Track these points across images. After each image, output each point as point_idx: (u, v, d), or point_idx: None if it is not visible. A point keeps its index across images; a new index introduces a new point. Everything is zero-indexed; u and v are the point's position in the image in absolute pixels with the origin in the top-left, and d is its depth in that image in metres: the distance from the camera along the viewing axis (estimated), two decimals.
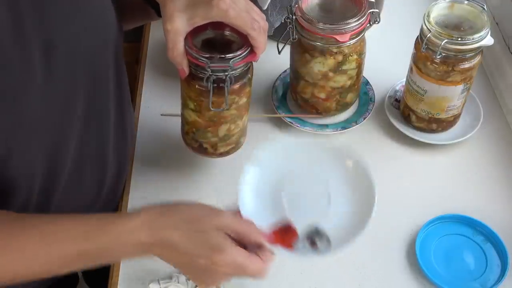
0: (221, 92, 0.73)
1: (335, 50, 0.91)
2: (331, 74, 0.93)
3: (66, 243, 0.63)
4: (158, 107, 1.03)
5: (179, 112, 0.84)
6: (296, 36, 0.91)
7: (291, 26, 0.91)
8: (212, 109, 0.74)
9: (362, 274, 0.83)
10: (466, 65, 0.87)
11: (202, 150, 0.84)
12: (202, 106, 0.76)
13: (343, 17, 0.89)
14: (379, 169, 0.95)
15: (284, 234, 0.70)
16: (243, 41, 0.73)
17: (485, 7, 0.88)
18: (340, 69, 0.93)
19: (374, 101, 1.03)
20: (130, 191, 0.93)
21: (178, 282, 0.78)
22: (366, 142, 0.99)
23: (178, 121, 0.86)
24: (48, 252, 0.63)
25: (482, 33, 0.85)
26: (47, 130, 0.67)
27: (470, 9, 0.89)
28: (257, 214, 0.70)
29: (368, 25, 0.92)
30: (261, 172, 0.74)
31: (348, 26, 0.88)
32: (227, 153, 0.84)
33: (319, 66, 0.92)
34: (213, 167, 0.95)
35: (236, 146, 0.85)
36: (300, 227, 0.70)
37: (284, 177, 0.74)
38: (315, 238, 0.70)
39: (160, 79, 1.10)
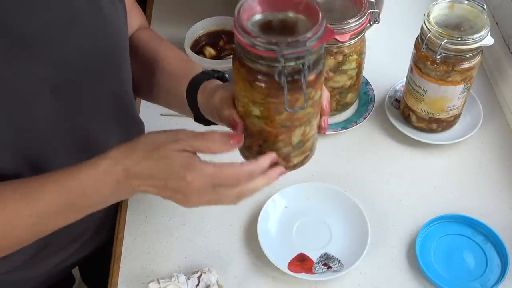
0: (296, 86, 0.58)
1: (335, 50, 0.91)
2: (331, 74, 0.93)
3: (47, 198, 0.64)
4: (158, 107, 1.03)
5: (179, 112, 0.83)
6: None
7: None
8: (288, 110, 0.59)
9: (363, 274, 0.83)
10: (466, 65, 0.87)
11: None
12: (272, 109, 0.61)
13: (343, 17, 0.89)
14: (379, 169, 0.96)
15: (302, 263, 0.83)
16: (313, 20, 0.58)
17: (485, 7, 0.88)
18: (340, 69, 0.93)
19: (374, 101, 1.03)
20: None
21: (178, 282, 0.78)
22: (366, 142, 0.99)
23: (178, 121, 0.86)
24: (30, 209, 0.64)
25: (482, 33, 0.85)
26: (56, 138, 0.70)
27: (470, 9, 0.89)
28: (277, 241, 0.86)
29: (368, 25, 0.92)
30: (286, 204, 0.90)
31: (348, 26, 0.88)
32: (301, 163, 0.69)
33: None
34: None
35: (311, 153, 0.69)
36: (312, 255, 0.84)
37: (296, 214, 0.89)
38: (328, 262, 0.83)
39: None
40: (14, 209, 0.64)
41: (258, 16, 0.59)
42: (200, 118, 0.75)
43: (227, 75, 0.74)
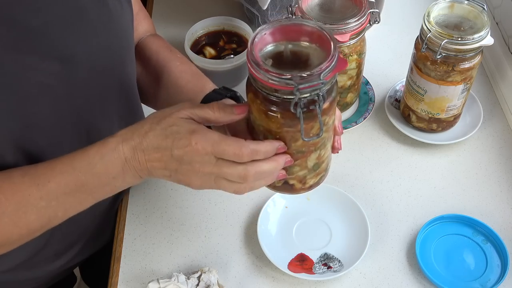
0: (311, 115, 0.59)
1: None
2: None
3: (57, 178, 0.64)
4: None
5: None
6: None
7: None
8: (305, 139, 0.60)
9: (363, 274, 0.83)
10: (466, 65, 0.88)
11: (287, 187, 0.69)
12: (287, 137, 0.62)
13: (343, 17, 0.89)
14: (379, 169, 0.96)
15: (302, 263, 0.83)
16: (325, 49, 0.59)
17: (485, 7, 0.88)
18: None
19: (374, 101, 1.03)
20: (130, 190, 0.93)
21: (178, 282, 0.78)
22: (366, 142, 0.99)
23: None
24: (41, 192, 0.63)
25: (482, 33, 0.85)
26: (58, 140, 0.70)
27: (470, 9, 0.89)
28: (277, 241, 0.86)
29: (368, 25, 0.92)
30: (286, 204, 0.90)
31: (348, 26, 0.88)
32: (317, 184, 0.70)
33: None
34: None
35: (326, 173, 0.71)
36: (312, 255, 0.84)
37: (296, 214, 0.89)
38: (328, 262, 0.83)
39: None
40: (24, 192, 0.63)
41: (270, 47, 0.61)
42: None
43: (239, 94, 0.74)
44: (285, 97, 0.57)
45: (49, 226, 0.67)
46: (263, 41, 0.60)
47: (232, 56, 1.07)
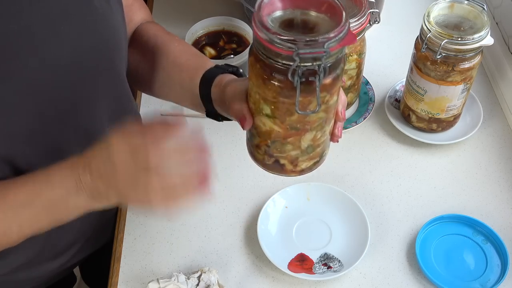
0: (310, 88, 0.55)
1: None
2: None
3: (16, 189, 0.63)
4: (158, 106, 1.03)
5: (180, 112, 0.83)
6: None
7: None
8: (299, 112, 0.56)
9: (363, 274, 0.83)
10: (466, 65, 0.87)
11: (277, 167, 0.65)
12: (282, 109, 0.58)
13: None
14: (379, 169, 0.96)
15: (302, 263, 0.83)
16: (335, 21, 0.55)
17: (485, 7, 0.88)
18: None
19: (374, 101, 1.03)
20: None
21: (178, 282, 0.78)
22: (366, 142, 0.99)
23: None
24: (9, 220, 0.63)
25: (482, 33, 0.85)
26: (44, 139, 0.69)
27: (470, 9, 0.89)
28: (277, 241, 0.86)
29: (368, 25, 0.92)
30: (286, 204, 0.90)
31: None
32: (309, 169, 0.66)
33: None
34: (214, 166, 0.95)
35: (320, 160, 0.67)
36: (312, 255, 0.84)
37: (296, 213, 0.89)
38: (328, 262, 0.83)
39: None
40: None
41: (279, 13, 0.57)
42: (212, 113, 0.73)
43: (241, 70, 0.72)
44: (285, 62, 0.54)
45: (4, 239, 0.66)
46: (272, 5, 0.57)
47: (232, 56, 1.07)
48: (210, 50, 1.10)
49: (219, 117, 0.73)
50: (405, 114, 0.99)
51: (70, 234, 0.85)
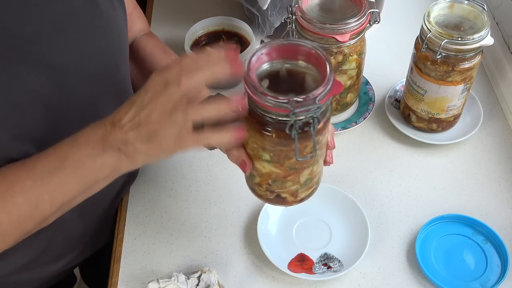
0: (306, 136, 0.60)
1: (335, 50, 0.91)
2: None
3: (43, 159, 0.63)
4: None
5: None
6: (296, 36, 0.91)
7: (291, 26, 0.91)
8: (299, 159, 0.61)
9: (363, 274, 0.83)
10: (466, 65, 0.87)
11: (279, 200, 0.70)
12: (281, 156, 0.63)
13: (343, 17, 0.89)
14: (379, 169, 0.96)
15: (302, 263, 0.83)
16: (319, 69, 0.60)
17: (485, 7, 0.88)
18: (340, 69, 0.93)
19: (374, 101, 1.03)
20: (130, 190, 0.93)
21: (178, 282, 0.78)
22: (366, 142, 0.99)
23: None
24: (27, 174, 0.63)
25: (482, 33, 0.85)
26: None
27: (470, 9, 0.89)
28: (277, 241, 0.86)
29: (368, 25, 0.92)
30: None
31: (348, 26, 0.88)
32: (308, 196, 0.72)
33: None
34: (214, 166, 0.96)
35: (317, 186, 0.72)
36: (312, 255, 0.84)
37: (296, 213, 0.89)
38: (328, 262, 0.83)
39: None
40: (10, 176, 0.62)
41: (266, 65, 0.61)
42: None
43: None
44: (280, 118, 0.58)
45: (38, 213, 0.65)
46: (260, 60, 0.61)
47: None
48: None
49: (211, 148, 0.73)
50: (405, 114, 0.99)
51: (72, 237, 0.85)
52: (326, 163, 0.69)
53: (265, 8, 1.05)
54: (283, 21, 1.00)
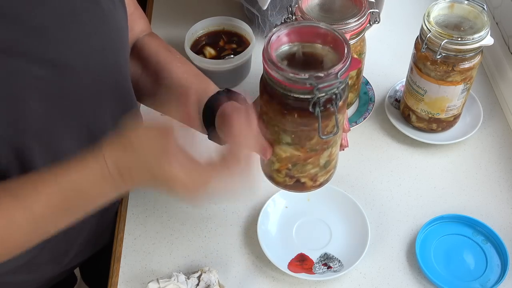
0: (327, 114, 0.61)
1: None
2: None
3: (42, 202, 0.63)
4: None
5: None
6: None
7: None
8: (322, 137, 0.61)
9: (363, 274, 0.83)
10: (466, 65, 0.88)
11: (299, 186, 0.70)
12: (303, 136, 0.63)
13: (343, 17, 0.89)
14: (379, 169, 0.96)
15: (302, 263, 0.83)
16: (337, 50, 0.61)
17: (485, 7, 0.88)
18: None
19: (374, 101, 1.03)
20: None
21: (178, 282, 0.78)
22: (366, 142, 0.99)
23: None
24: (27, 215, 0.63)
25: (482, 33, 0.85)
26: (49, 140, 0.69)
27: (470, 9, 0.89)
28: (277, 241, 0.86)
29: (368, 25, 0.92)
30: (287, 204, 0.90)
31: (348, 26, 0.88)
32: (326, 181, 0.72)
33: None
34: None
35: (334, 170, 0.72)
36: (312, 255, 0.84)
37: (296, 214, 0.89)
38: (328, 262, 0.83)
39: None
40: (9, 213, 0.62)
41: (284, 47, 0.62)
42: (214, 137, 0.75)
43: (243, 96, 0.74)
44: (302, 96, 0.58)
45: (41, 239, 0.66)
46: (278, 41, 0.61)
47: (232, 56, 1.07)
48: (210, 50, 1.10)
49: (222, 141, 0.74)
50: (405, 114, 0.99)
51: (70, 237, 0.85)
52: (341, 146, 0.70)
53: (265, 8, 1.05)
54: (283, 21, 1.00)
